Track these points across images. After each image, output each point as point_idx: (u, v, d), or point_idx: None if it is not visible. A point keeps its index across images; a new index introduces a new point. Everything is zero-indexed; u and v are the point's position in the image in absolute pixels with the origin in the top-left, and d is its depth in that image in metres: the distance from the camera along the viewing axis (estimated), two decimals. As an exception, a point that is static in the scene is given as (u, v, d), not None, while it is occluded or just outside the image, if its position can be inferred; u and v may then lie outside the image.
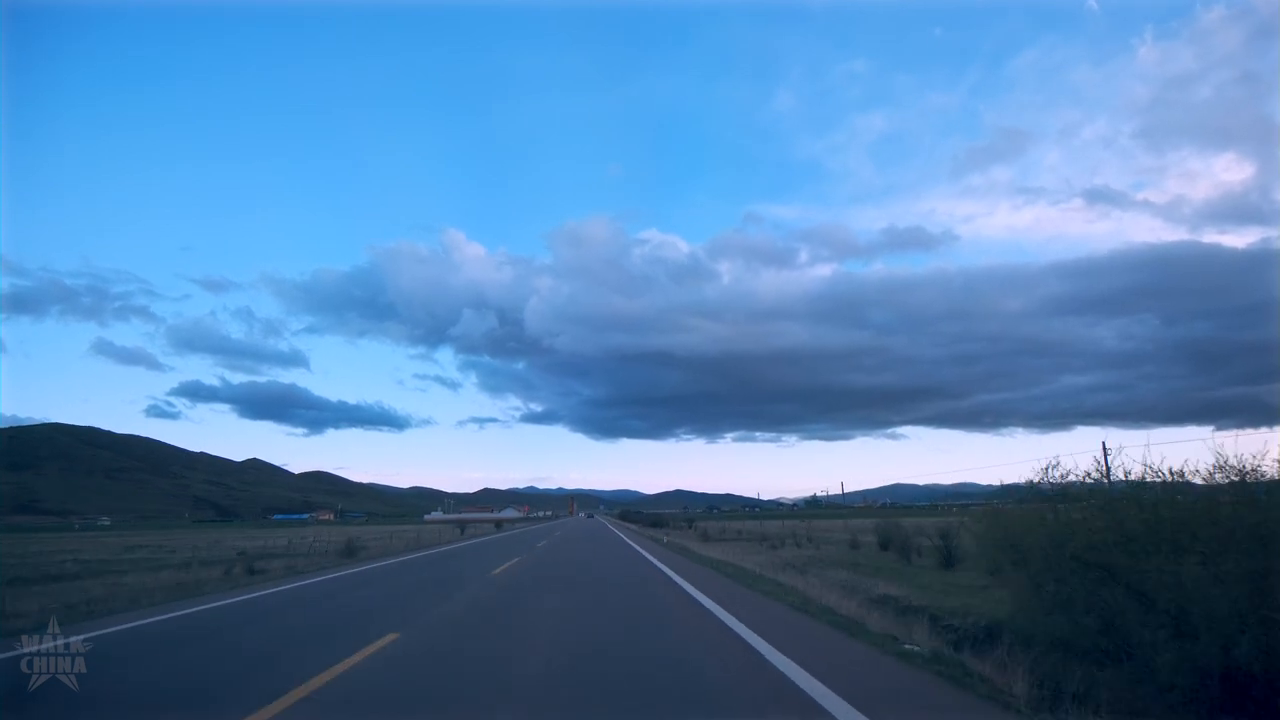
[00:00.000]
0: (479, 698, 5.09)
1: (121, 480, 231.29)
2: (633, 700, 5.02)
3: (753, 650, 6.55)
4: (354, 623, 8.80)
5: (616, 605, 10.33)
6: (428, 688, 5.48)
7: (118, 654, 7.00)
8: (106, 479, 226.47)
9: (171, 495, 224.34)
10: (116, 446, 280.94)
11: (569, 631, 7.99)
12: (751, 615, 8.76)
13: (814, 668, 5.65)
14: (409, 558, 23.85)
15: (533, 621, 8.70)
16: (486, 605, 10.50)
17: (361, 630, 7.99)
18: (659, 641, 7.28)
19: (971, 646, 6.49)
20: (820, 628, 7.91)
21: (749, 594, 11.45)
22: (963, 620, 8.23)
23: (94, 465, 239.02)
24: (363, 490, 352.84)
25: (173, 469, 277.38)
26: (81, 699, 5.15)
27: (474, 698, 5.10)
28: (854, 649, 6.66)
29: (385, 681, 5.60)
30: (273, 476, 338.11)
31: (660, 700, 4.97)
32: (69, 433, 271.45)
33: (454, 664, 6.26)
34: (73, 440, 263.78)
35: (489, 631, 8.09)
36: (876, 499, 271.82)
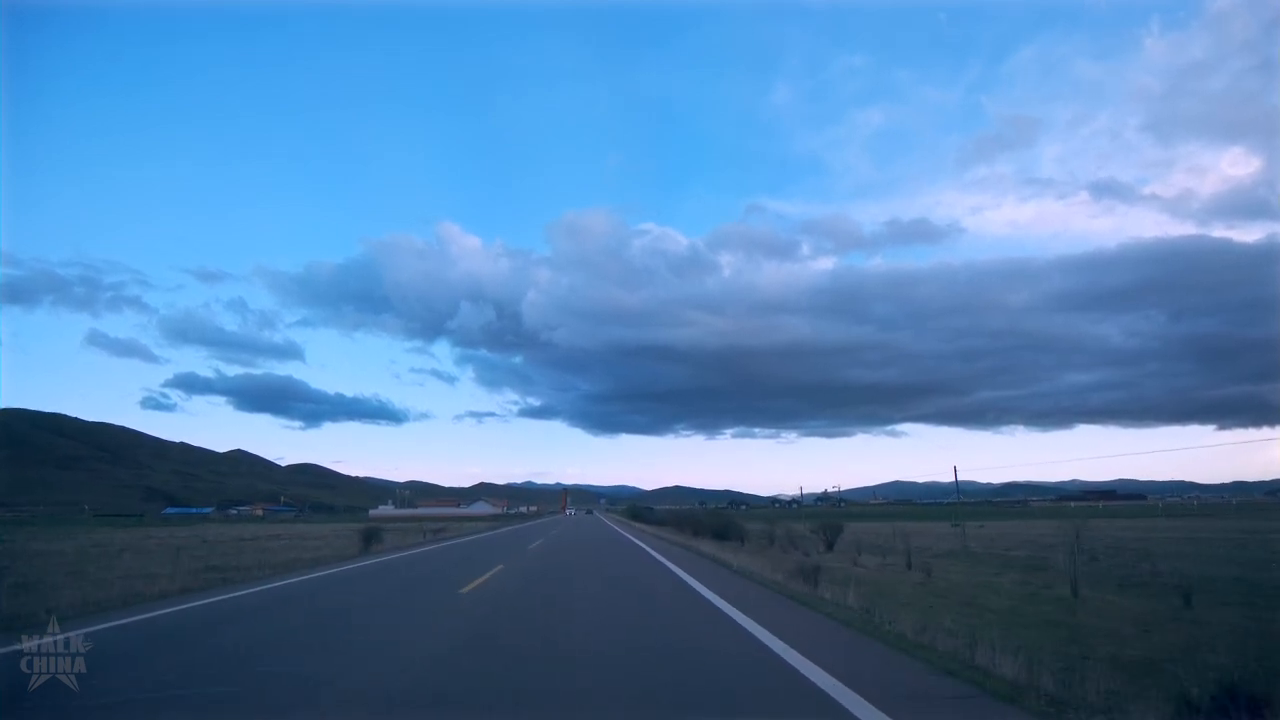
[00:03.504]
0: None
1: (74, 469, 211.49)
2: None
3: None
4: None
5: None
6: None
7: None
8: (58, 468, 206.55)
9: (125, 486, 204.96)
10: (81, 434, 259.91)
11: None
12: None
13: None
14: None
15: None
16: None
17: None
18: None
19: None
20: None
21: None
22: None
23: (48, 453, 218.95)
24: (349, 483, 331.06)
25: (140, 458, 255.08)
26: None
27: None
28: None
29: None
30: (252, 468, 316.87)
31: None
32: (30, 419, 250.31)
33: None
34: (32, 427, 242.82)
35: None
36: (874, 496, 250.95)
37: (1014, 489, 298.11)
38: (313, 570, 16.81)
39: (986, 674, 5.74)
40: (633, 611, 9.67)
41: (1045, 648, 7.34)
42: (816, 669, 5.79)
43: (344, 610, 10.09)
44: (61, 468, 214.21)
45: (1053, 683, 5.30)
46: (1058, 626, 9.79)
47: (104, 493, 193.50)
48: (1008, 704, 4.92)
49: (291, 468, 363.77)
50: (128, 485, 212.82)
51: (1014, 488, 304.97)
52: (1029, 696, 5.04)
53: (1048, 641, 8.17)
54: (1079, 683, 5.33)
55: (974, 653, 6.35)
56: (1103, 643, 8.49)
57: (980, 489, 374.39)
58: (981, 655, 6.22)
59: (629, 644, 7.19)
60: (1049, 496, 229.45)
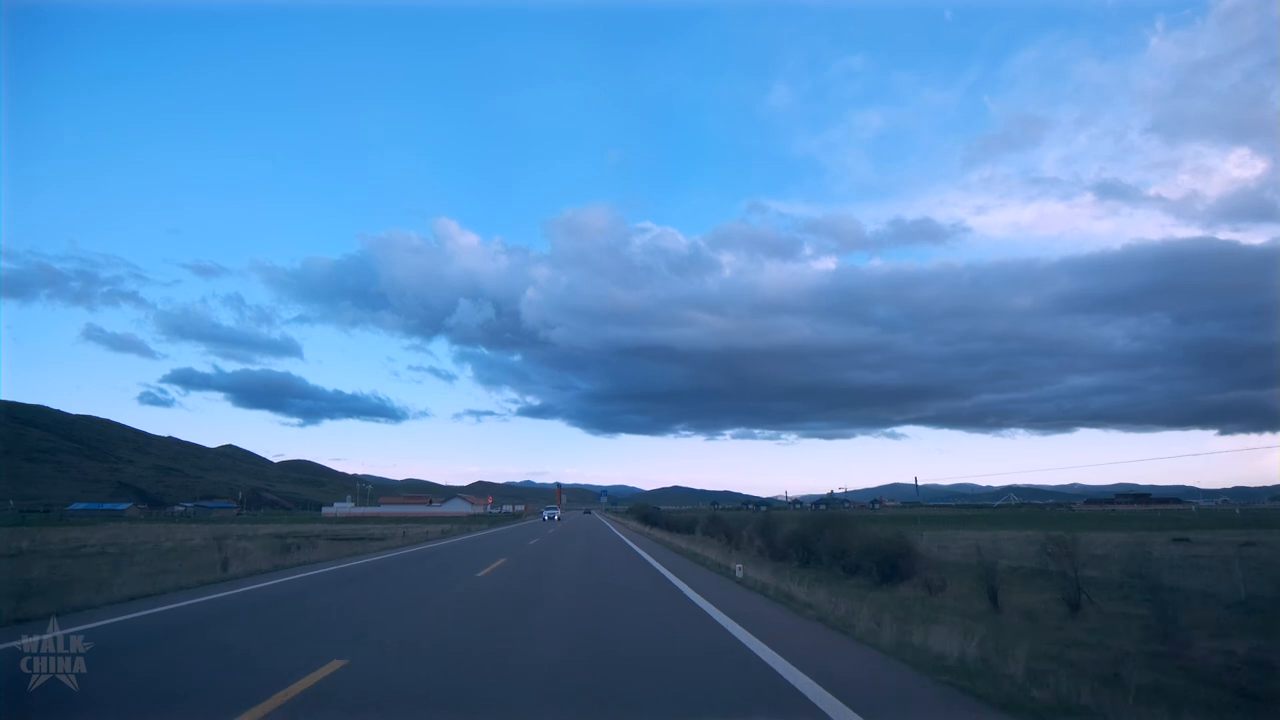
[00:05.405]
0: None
1: (42, 462, 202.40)
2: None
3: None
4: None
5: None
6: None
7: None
8: (25, 460, 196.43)
9: (95, 480, 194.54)
10: (58, 427, 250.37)
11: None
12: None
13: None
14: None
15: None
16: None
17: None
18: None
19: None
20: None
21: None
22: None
23: (17, 445, 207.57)
24: (339, 480, 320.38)
25: (118, 452, 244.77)
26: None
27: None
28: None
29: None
30: (240, 464, 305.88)
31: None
32: (5, 410, 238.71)
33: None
34: (8, 419, 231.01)
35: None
36: (878, 498, 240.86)
37: (1012, 492, 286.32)
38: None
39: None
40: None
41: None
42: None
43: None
44: (30, 460, 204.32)
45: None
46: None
47: (69, 486, 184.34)
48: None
49: (283, 464, 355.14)
50: (97, 479, 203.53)
51: (1013, 491, 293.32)
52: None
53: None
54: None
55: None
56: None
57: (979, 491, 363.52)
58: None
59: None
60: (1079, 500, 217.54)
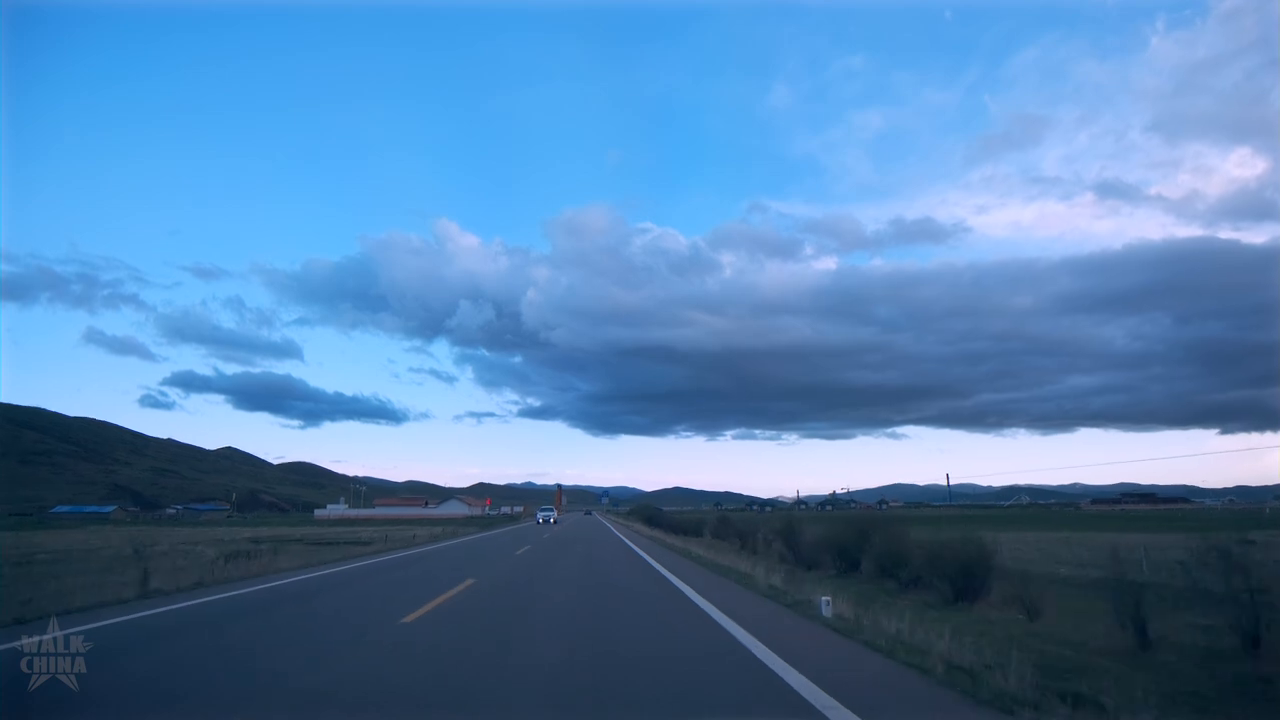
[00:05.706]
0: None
1: (36, 464, 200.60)
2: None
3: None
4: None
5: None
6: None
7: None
8: (20, 462, 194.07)
9: (89, 482, 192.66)
10: (54, 429, 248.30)
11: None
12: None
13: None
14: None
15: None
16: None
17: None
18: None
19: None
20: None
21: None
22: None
23: (12, 447, 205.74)
24: (339, 482, 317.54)
25: (115, 454, 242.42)
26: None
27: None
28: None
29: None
30: (240, 466, 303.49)
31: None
32: (0, 412, 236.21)
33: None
34: (3, 420, 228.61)
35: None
36: (881, 498, 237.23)
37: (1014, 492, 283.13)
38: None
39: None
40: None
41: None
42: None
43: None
44: (24, 462, 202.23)
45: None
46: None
47: (63, 488, 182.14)
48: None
49: (283, 466, 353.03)
50: (92, 481, 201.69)
51: (1014, 491, 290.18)
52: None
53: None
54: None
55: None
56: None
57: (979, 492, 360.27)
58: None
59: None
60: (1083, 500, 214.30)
